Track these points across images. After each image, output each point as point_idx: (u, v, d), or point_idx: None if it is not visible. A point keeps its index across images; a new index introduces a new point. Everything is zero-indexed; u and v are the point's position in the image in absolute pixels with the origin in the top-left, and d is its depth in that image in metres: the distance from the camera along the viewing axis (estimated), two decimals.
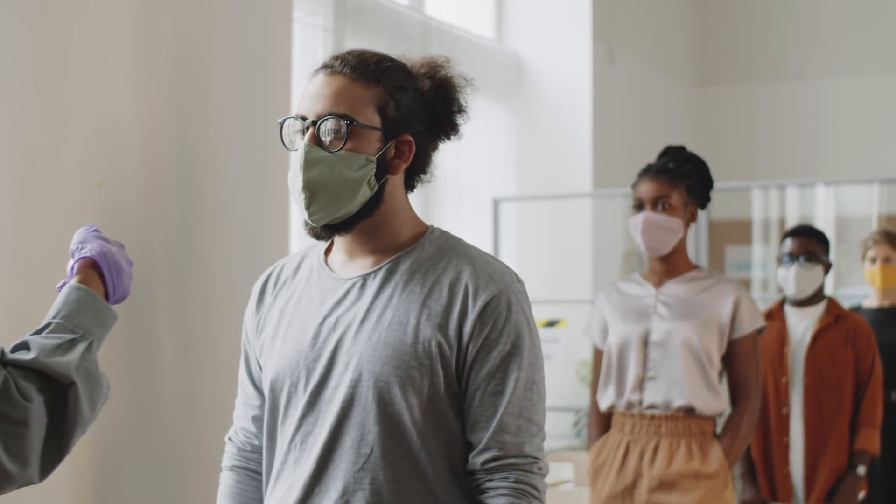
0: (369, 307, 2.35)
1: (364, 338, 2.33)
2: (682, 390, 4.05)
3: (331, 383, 2.34)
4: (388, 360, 2.30)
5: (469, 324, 2.31)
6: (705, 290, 4.13)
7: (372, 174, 2.34)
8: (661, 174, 4.12)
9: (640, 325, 4.14)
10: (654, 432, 4.09)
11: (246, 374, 2.56)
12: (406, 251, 2.39)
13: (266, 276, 2.57)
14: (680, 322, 4.08)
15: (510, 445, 2.33)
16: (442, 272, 2.36)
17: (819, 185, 7.32)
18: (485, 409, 2.32)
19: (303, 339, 2.39)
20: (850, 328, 4.99)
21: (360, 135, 2.33)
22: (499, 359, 2.32)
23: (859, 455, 4.91)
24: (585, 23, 7.59)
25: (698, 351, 4.06)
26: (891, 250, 5.58)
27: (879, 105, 8.63)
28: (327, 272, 2.45)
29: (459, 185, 7.24)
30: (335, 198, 2.33)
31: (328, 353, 2.35)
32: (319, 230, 2.38)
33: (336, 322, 2.37)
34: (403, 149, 2.39)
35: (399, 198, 2.42)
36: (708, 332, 4.07)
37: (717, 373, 4.11)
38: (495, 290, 2.34)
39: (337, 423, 2.32)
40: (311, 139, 2.34)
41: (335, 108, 2.33)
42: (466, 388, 2.33)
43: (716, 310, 4.09)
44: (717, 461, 4.04)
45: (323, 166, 2.32)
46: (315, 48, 6.12)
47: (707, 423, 4.09)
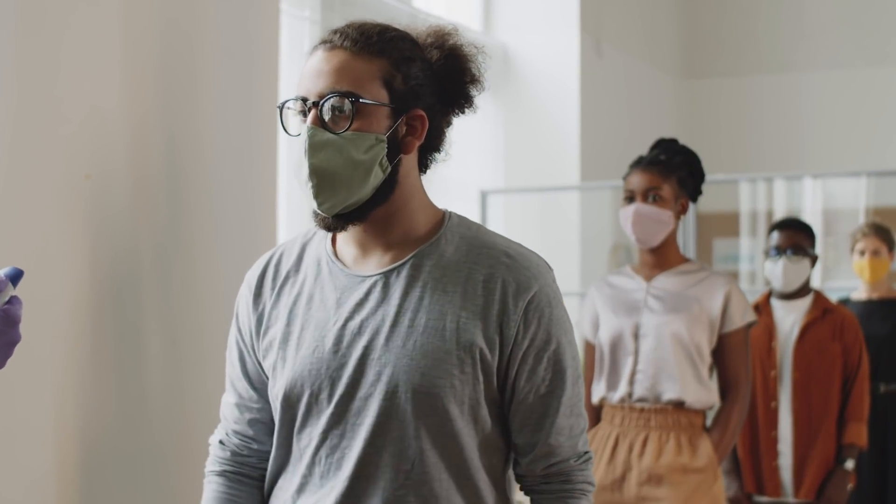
0: (399, 309, 2.15)
1: (397, 345, 2.13)
2: (672, 384, 4.04)
3: (360, 394, 2.14)
4: (427, 370, 2.11)
5: (513, 325, 2.14)
6: (696, 283, 4.12)
7: (384, 154, 2.14)
8: (653, 166, 4.10)
9: (631, 319, 4.13)
10: (643, 425, 4.08)
11: (242, 375, 2.34)
12: (429, 244, 2.20)
13: (262, 267, 2.33)
14: (670, 315, 4.07)
15: (566, 448, 2.22)
16: (473, 267, 2.18)
17: (807, 178, 7.33)
18: (535, 412, 2.19)
19: (322, 344, 2.18)
20: (837, 322, 4.99)
21: (368, 112, 2.13)
22: (546, 359, 2.17)
23: (848, 449, 4.92)
24: (573, 15, 7.58)
25: (688, 344, 4.05)
26: (879, 243, 5.59)
27: (867, 98, 8.63)
28: (339, 267, 2.23)
29: (447, 178, 7.23)
30: (346, 183, 2.12)
31: (355, 360, 2.15)
32: (331, 221, 2.17)
33: (361, 326, 2.16)
34: (416, 125, 2.19)
35: (414, 180, 2.22)
36: (699, 325, 4.06)
37: (707, 367, 4.10)
38: (536, 286, 2.17)
39: (371, 437, 2.13)
40: (314, 121, 2.14)
41: (338, 86, 2.13)
42: (513, 391, 2.18)
43: (706, 304, 4.08)
44: (707, 455, 4.03)
45: (330, 150, 2.12)
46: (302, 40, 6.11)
47: (697, 416, 4.08)
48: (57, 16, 3.34)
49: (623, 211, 4.12)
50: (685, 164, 4.14)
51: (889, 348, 5.52)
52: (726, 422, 4.10)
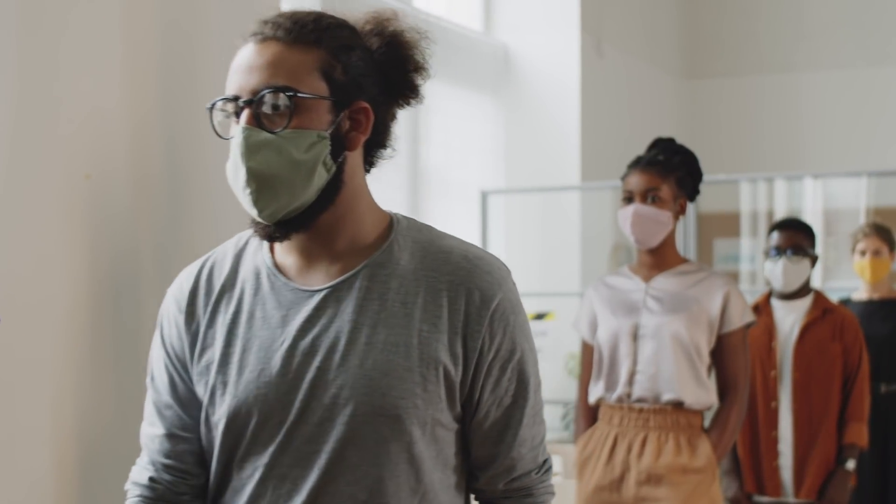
0: (354, 325, 1.97)
1: (354, 364, 1.95)
2: (671, 384, 4.03)
3: (313, 419, 1.96)
4: (388, 390, 1.94)
5: (478, 337, 1.99)
6: (695, 284, 4.11)
7: (327, 153, 1.96)
8: (651, 166, 4.09)
9: (630, 319, 4.11)
10: (642, 425, 4.07)
11: (173, 402, 2.09)
12: (381, 251, 2.02)
13: (192, 282, 2.11)
14: (670, 316, 4.06)
15: (528, 460, 2.09)
16: (432, 275, 2.01)
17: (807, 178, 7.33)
18: (498, 424, 2.05)
19: (269, 366, 1.98)
20: (837, 322, 4.99)
21: (307, 108, 1.95)
22: (510, 369, 2.04)
23: (848, 449, 4.91)
24: (573, 15, 7.57)
25: (688, 345, 4.04)
26: (880, 243, 5.59)
27: (868, 98, 8.63)
28: (283, 281, 2.03)
29: (447, 178, 7.23)
30: (287, 186, 1.93)
31: (307, 383, 1.96)
32: (273, 229, 1.99)
33: (313, 345, 1.97)
34: (360, 118, 2.00)
35: (360, 180, 2.04)
36: (698, 326, 4.05)
37: (706, 367, 4.09)
38: (500, 293, 2.03)
39: (326, 465, 1.95)
40: (248, 121, 1.95)
41: (272, 80, 1.94)
42: (477, 405, 2.03)
43: (706, 304, 4.07)
44: (706, 455, 4.02)
45: (268, 151, 1.93)
46: None
47: (695, 417, 4.07)
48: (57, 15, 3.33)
49: (622, 212, 4.11)
50: (683, 163, 4.13)
51: (890, 348, 5.52)
52: (725, 422, 4.09)
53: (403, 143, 6.83)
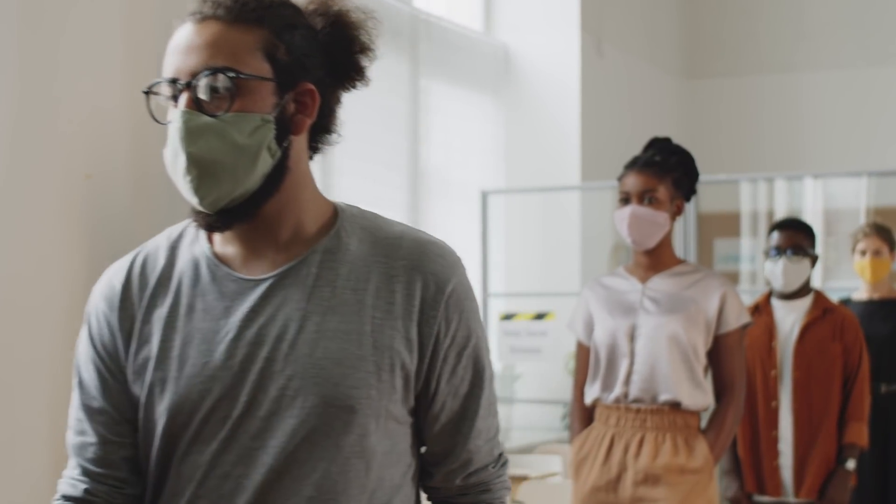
0: (303, 313, 1.86)
1: (304, 353, 1.84)
2: (667, 385, 4.02)
3: (260, 413, 1.84)
4: (341, 380, 1.84)
5: (434, 322, 1.89)
6: (692, 284, 4.10)
7: (271, 137, 1.85)
8: (648, 167, 4.09)
9: (627, 320, 4.10)
10: (639, 426, 4.06)
11: (106, 405, 1.94)
12: (328, 237, 1.92)
13: (123, 278, 1.98)
14: (667, 317, 4.06)
15: (484, 453, 2.00)
16: (383, 261, 1.91)
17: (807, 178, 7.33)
18: (454, 416, 1.96)
19: (212, 359, 1.86)
20: (837, 321, 4.99)
21: (249, 89, 1.84)
22: (466, 357, 1.94)
23: (849, 448, 4.91)
24: (574, 15, 7.58)
25: (685, 346, 4.03)
26: (881, 243, 5.59)
27: (868, 98, 8.63)
28: (225, 271, 1.92)
29: (447, 178, 7.23)
30: (230, 172, 1.83)
31: (254, 375, 1.85)
32: (215, 218, 1.87)
33: (259, 335, 1.86)
34: (305, 101, 1.90)
35: (305, 166, 1.94)
36: (695, 327, 4.05)
37: (702, 368, 4.09)
38: (454, 278, 1.92)
39: (273, 462, 1.83)
40: (188, 104, 1.83)
41: (213, 61, 1.83)
42: (433, 396, 1.93)
43: (703, 305, 4.06)
44: (703, 456, 4.02)
45: (209, 135, 1.82)
46: None
47: (692, 417, 4.07)
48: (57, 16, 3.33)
49: (618, 213, 4.10)
50: (680, 164, 4.13)
51: (890, 348, 5.52)
52: (721, 423, 4.08)
53: (403, 142, 6.84)
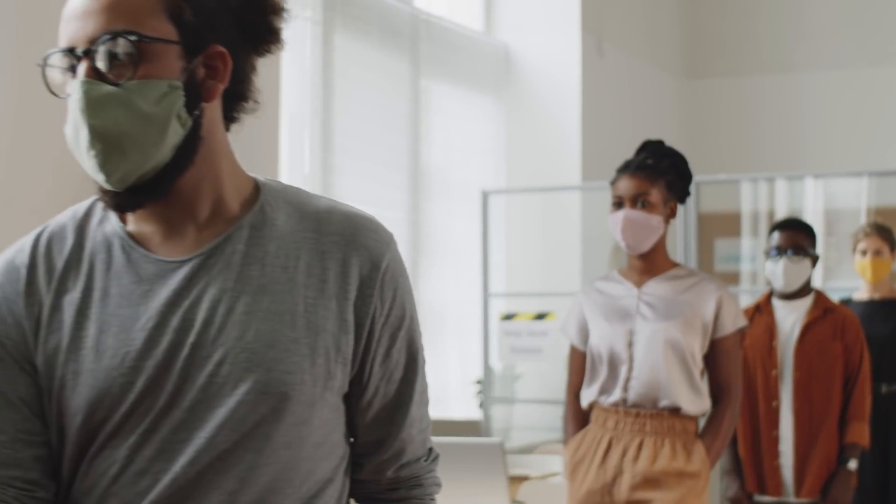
0: (231, 294, 1.72)
1: (233, 336, 1.70)
2: (666, 391, 4.01)
3: (184, 403, 1.69)
4: (274, 364, 1.70)
5: (370, 302, 1.76)
6: (688, 289, 4.09)
7: (181, 104, 1.70)
8: (640, 171, 4.06)
9: (624, 326, 4.08)
10: (638, 430, 4.05)
11: (15, 400, 1.74)
12: (253, 212, 1.78)
13: (27, 260, 1.79)
14: (664, 322, 4.04)
15: (417, 443, 1.88)
16: (313, 237, 1.77)
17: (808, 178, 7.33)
18: (388, 402, 1.83)
19: (131, 348, 1.70)
20: (838, 321, 4.99)
21: (154, 54, 1.68)
22: (400, 338, 1.82)
23: (850, 448, 4.91)
24: (574, 15, 7.58)
25: (683, 351, 4.02)
26: (881, 243, 5.59)
27: (869, 98, 8.63)
28: (142, 252, 1.75)
29: (448, 178, 7.24)
30: (138, 145, 1.67)
31: (179, 362, 1.69)
32: (124, 197, 1.71)
33: (184, 320, 1.70)
34: (216, 64, 1.74)
35: (221, 137, 1.79)
36: (692, 331, 4.03)
37: (699, 372, 4.08)
38: (388, 254, 1.80)
39: (196, 455, 1.68)
40: (87, 73, 1.67)
41: (112, 25, 1.67)
42: (368, 380, 1.80)
43: (699, 309, 4.05)
44: (701, 460, 4.02)
45: (113, 106, 1.66)
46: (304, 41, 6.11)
47: (690, 422, 4.06)
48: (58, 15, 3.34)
49: (612, 217, 4.08)
50: (673, 167, 4.09)
51: (891, 349, 5.52)
52: (718, 427, 4.07)
53: (404, 142, 6.85)
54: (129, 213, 1.76)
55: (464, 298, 7.29)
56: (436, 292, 7.13)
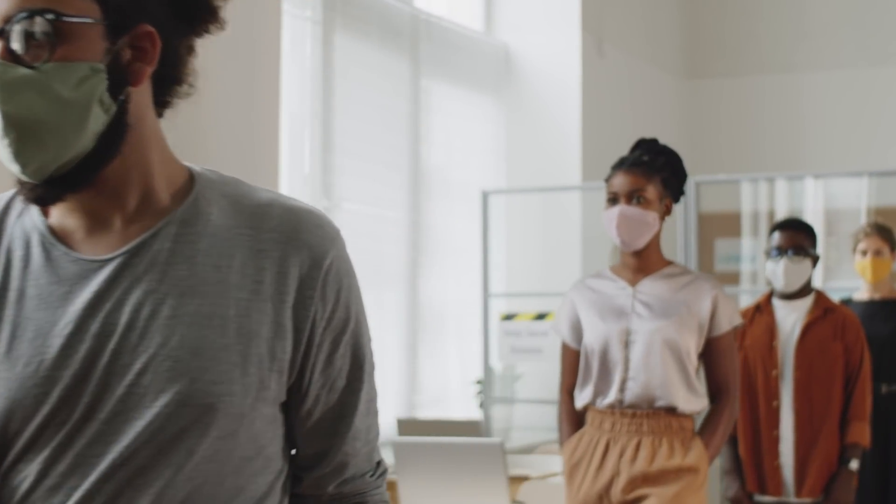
0: (156, 297, 1.58)
1: (156, 342, 1.56)
2: (664, 391, 4.00)
3: (100, 415, 1.55)
4: (200, 373, 1.56)
5: (310, 304, 1.63)
6: (683, 287, 4.07)
7: (103, 88, 1.56)
8: (636, 167, 4.04)
9: (620, 325, 4.06)
10: (635, 430, 4.03)
11: None
12: (185, 206, 1.64)
13: None
14: (660, 321, 4.02)
15: (362, 457, 1.74)
16: (249, 232, 1.64)
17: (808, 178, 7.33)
18: (330, 413, 1.70)
19: (47, 355, 1.57)
20: (838, 321, 4.99)
21: (75, 34, 1.55)
22: (344, 344, 1.68)
23: (851, 448, 4.92)
24: (574, 15, 7.58)
25: (679, 350, 4.00)
26: (881, 243, 5.59)
27: (869, 98, 8.63)
28: (63, 250, 1.62)
29: (448, 178, 7.24)
30: (56, 133, 1.55)
31: (99, 371, 1.56)
32: (42, 190, 1.58)
33: (104, 325, 1.57)
34: (143, 45, 1.60)
35: (151, 123, 1.65)
36: (688, 330, 4.02)
37: (695, 371, 4.07)
38: (332, 251, 1.66)
39: (110, 468, 1.55)
40: (2, 55, 1.54)
41: (28, 3, 1.54)
42: (307, 389, 1.66)
43: (695, 308, 4.03)
44: (699, 455, 4.00)
45: (28, 90, 1.54)
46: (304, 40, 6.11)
47: (687, 420, 4.05)
48: None
49: (607, 213, 4.06)
50: (668, 164, 4.08)
51: (891, 349, 5.53)
52: (716, 425, 4.06)
53: (404, 142, 6.85)
54: (50, 206, 1.63)
55: (464, 298, 7.29)
56: (436, 292, 7.13)
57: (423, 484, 4.64)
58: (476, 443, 4.72)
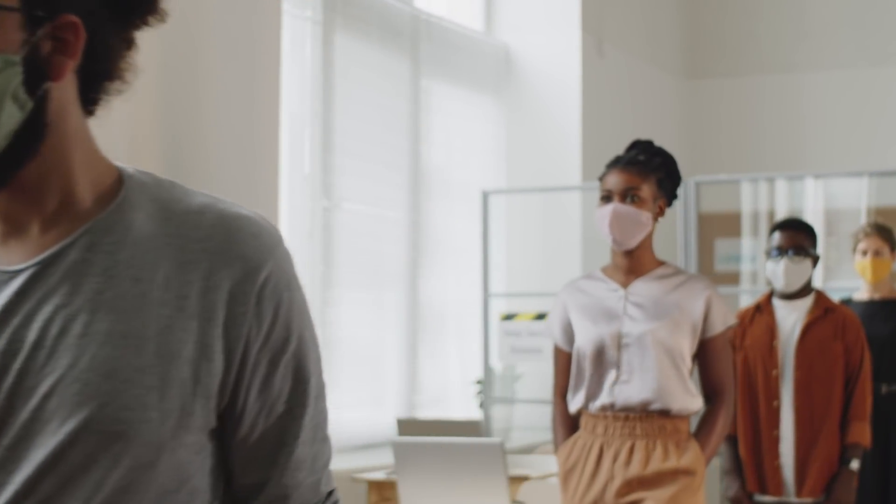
0: (66, 312, 1.43)
1: (64, 364, 1.42)
2: (658, 393, 3.95)
3: (3, 441, 1.42)
4: (111, 398, 1.41)
5: (242, 321, 1.47)
6: (676, 288, 4.02)
7: (19, 82, 1.43)
8: (632, 166, 4.00)
9: (612, 327, 4.00)
10: (628, 434, 3.98)
11: None
12: (107, 212, 1.49)
13: None
14: (653, 323, 3.97)
15: (306, 488, 1.56)
16: (178, 242, 1.48)
17: (808, 178, 7.34)
18: (268, 440, 1.53)
19: None
20: (839, 321, 4.99)
21: None
22: (284, 364, 1.51)
23: (852, 448, 4.92)
24: (575, 15, 7.58)
25: (674, 352, 3.96)
26: (881, 243, 5.59)
27: (869, 98, 8.63)
28: None
29: (448, 178, 7.24)
30: None
31: (2, 394, 1.43)
32: None
33: (12, 342, 1.43)
34: (66, 37, 1.45)
35: (76, 122, 1.51)
36: (681, 332, 3.97)
37: (689, 372, 4.02)
38: (270, 262, 1.49)
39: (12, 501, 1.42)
40: None
41: None
42: (241, 415, 1.50)
43: (688, 309, 3.98)
44: (695, 456, 3.96)
45: None
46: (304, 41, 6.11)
47: (682, 422, 4.00)
48: None
49: (599, 211, 4.00)
50: (663, 165, 4.04)
51: (891, 349, 5.53)
52: (712, 427, 4.01)
53: (404, 143, 6.85)
54: None
55: (464, 298, 7.29)
56: (436, 292, 7.13)
57: (423, 484, 4.64)
58: (476, 443, 4.72)
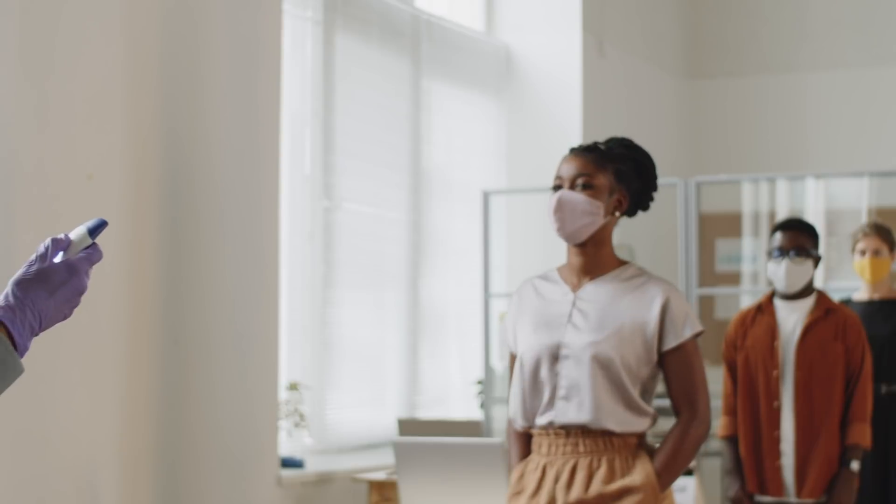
0: None
1: None
2: (596, 414, 3.50)
3: None
4: None
5: None
6: (628, 293, 3.58)
7: None
8: (587, 152, 3.61)
9: (552, 338, 3.56)
10: (571, 451, 3.53)
11: None
12: None
13: None
14: (595, 335, 3.52)
15: None
16: None
17: (809, 179, 7.33)
18: None
19: None
20: (840, 321, 4.99)
21: None
22: None
23: (852, 449, 4.91)
24: (575, 15, 7.58)
25: (616, 368, 3.50)
26: (880, 243, 5.58)
27: (870, 98, 8.63)
28: None
29: (449, 179, 7.24)
30: None
31: None
32: None
33: None
34: None
35: None
36: (627, 344, 3.52)
37: (640, 387, 3.56)
38: None
39: None
40: None
41: None
42: None
43: (638, 318, 3.53)
44: (644, 473, 3.50)
45: None
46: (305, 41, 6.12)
47: (630, 436, 3.54)
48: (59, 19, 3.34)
49: (549, 200, 3.59)
50: (627, 157, 3.66)
51: (891, 349, 5.52)
52: (675, 445, 3.54)
53: (405, 143, 6.85)
54: None
55: (464, 298, 7.29)
56: (436, 292, 7.13)
57: (423, 484, 4.64)
58: (477, 443, 4.72)
